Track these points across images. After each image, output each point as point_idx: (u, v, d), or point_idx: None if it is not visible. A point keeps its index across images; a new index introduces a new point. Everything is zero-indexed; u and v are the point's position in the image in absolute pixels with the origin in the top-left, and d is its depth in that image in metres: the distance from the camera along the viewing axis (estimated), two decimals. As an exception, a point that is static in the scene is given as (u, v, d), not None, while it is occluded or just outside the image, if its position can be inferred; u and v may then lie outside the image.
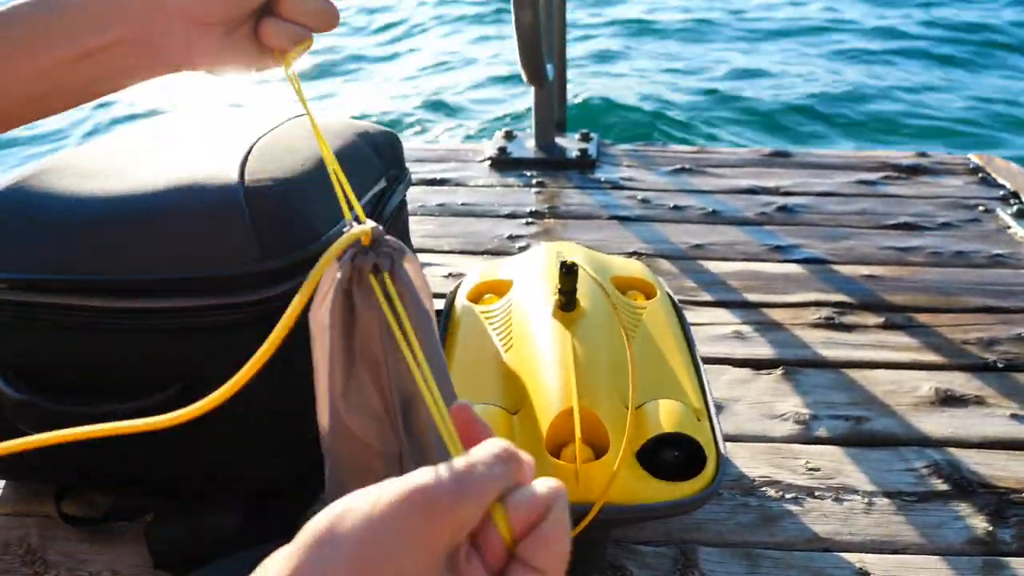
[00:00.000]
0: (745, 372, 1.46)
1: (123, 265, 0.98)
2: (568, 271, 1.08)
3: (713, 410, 1.06)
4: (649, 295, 1.25)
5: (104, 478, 1.12)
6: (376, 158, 1.26)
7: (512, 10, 2.02)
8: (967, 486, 1.20)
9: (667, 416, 1.01)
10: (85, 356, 1.01)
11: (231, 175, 1.02)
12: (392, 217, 1.28)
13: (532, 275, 1.23)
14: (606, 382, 1.03)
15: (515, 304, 1.19)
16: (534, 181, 2.30)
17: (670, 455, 0.99)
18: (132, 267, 0.98)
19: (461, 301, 1.26)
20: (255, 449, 1.06)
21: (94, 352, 1.01)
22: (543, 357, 1.07)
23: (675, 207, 2.11)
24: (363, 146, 1.24)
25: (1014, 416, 1.34)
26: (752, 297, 1.70)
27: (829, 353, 1.51)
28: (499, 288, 1.27)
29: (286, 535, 0.57)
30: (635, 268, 1.31)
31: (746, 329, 1.58)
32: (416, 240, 1.41)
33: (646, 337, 1.15)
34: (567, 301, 1.11)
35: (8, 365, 1.03)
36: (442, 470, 0.42)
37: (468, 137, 5.25)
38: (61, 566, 1.08)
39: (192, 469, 1.07)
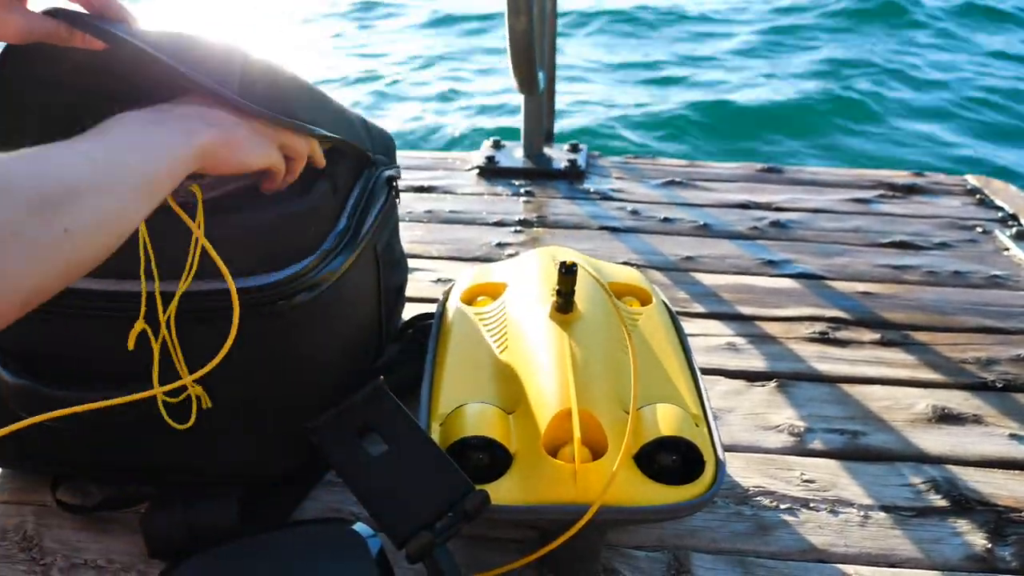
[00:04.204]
0: (738, 384, 1.44)
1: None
2: (568, 271, 1.06)
3: (711, 416, 1.04)
4: (645, 302, 1.24)
5: (101, 467, 1.09)
6: (365, 133, 1.23)
7: (505, 16, 2.00)
8: (965, 503, 1.18)
9: (666, 420, 0.99)
10: (84, 341, 0.99)
11: None
12: (383, 208, 1.24)
13: (528, 277, 1.22)
14: (604, 384, 1.01)
15: (510, 305, 1.17)
16: (522, 191, 2.28)
17: (668, 459, 0.97)
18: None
19: (454, 303, 1.24)
20: (252, 442, 1.04)
21: (92, 337, 0.98)
22: (540, 358, 1.04)
23: (665, 219, 2.09)
24: (356, 122, 1.21)
25: (1013, 436, 1.32)
26: (745, 310, 1.68)
27: (824, 367, 1.49)
28: (493, 290, 1.25)
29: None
30: (630, 274, 1.30)
31: (739, 341, 1.56)
32: (404, 246, 1.39)
33: (643, 342, 1.13)
34: (565, 302, 1.08)
35: (6, 350, 1.00)
36: None
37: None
38: (57, 553, 1.06)
39: (189, 460, 1.05)
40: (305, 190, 1.07)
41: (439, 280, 1.76)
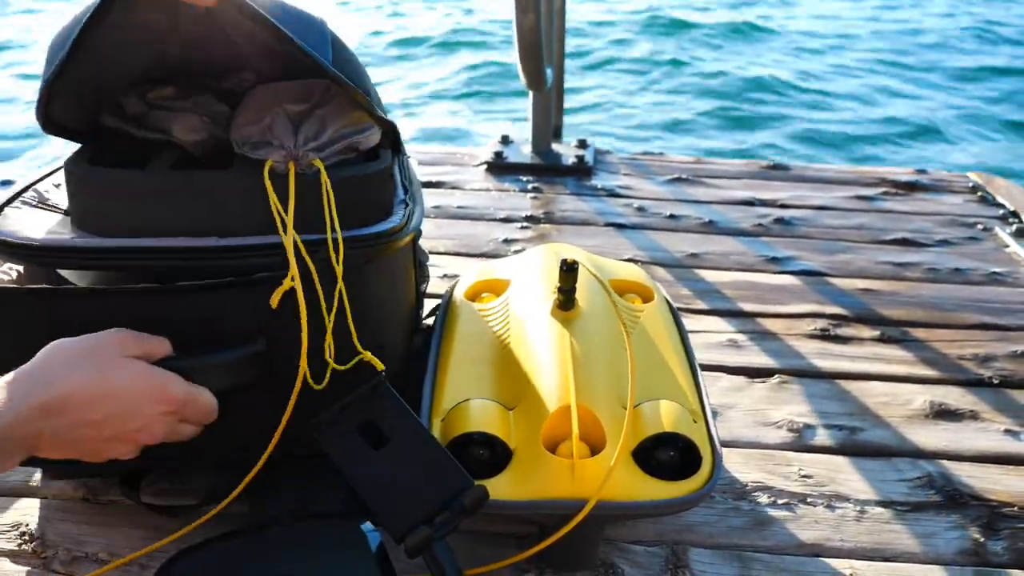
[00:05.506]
0: (740, 380, 1.45)
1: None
2: (569, 269, 1.07)
3: (709, 412, 1.05)
4: (647, 299, 1.25)
5: (182, 459, 1.07)
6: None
7: (514, 13, 2.01)
8: (959, 498, 1.20)
9: (664, 416, 1.01)
10: (164, 312, 0.97)
11: None
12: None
13: (531, 274, 1.23)
14: (603, 381, 1.03)
15: (513, 302, 1.19)
16: (530, 186, 2.30)
17: (666, 455, 0.99)
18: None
19: (459, 298, 1.25)
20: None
21: (173, 306, 0.97)
22: (541, 354, 1.06)
23: (671, 216, 2.11)
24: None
25: (1008, 432, 1.34)
26: (747, 307, 1.69)
27: (824, 364, 1.51)
28: (496, 287, 1.27)
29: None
30: (633, 272, 1.31)
31: (741, 338, 1.58)
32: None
33: (643, 339, 1.15)
34: (566, 299, 1.10)
35: (85, 327, 0.93)
36: None
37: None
38: (59, 546, 1.08)
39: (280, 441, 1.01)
40: (373, 155, 1.09)
41: (445, 276, 1.78)
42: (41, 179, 1.15)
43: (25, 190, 1.11)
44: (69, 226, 1.04)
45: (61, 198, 1.11)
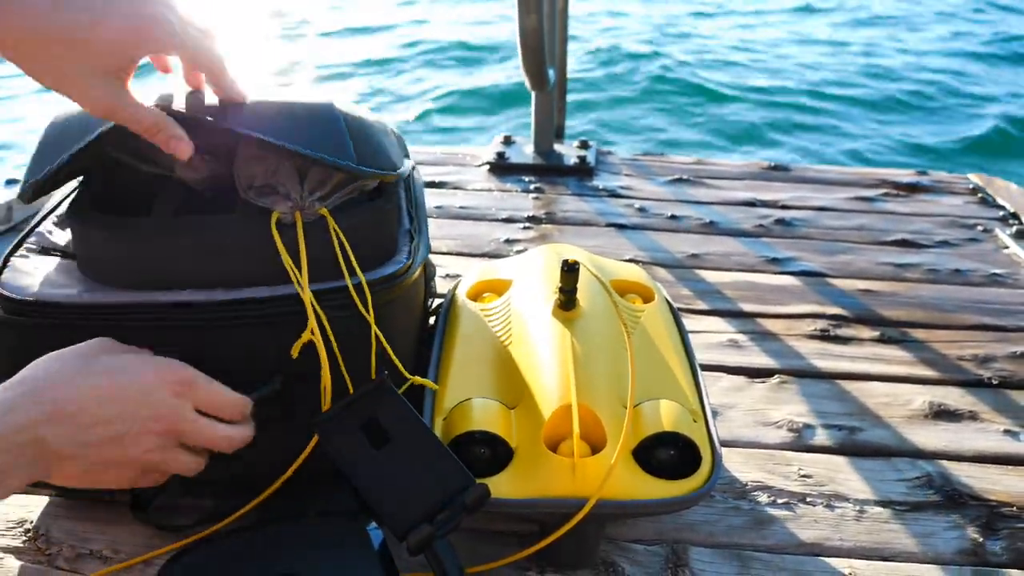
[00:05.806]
0: (740, 380, 1.46)
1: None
2: (570, 269, 1.08)
3: (709, 412, 1.06)
4: (647, 299, 1.26)
5: (205, 482, 1.04)
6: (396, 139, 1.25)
7: (516, 14, 2.02)
8: (958, 498, 1.20)
9: (664, 416, 1.01)
10: (183, 355, 0.97)
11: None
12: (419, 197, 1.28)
13: (532, 274, 1.24)
14: (604, 380, 1.04)
15: (515, 302, 1.20)
16: (532, 187, 2.30)
17: (666, 454, 0.99)
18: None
19: (460, 298, 1.26)
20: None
21: (192, 350, 0.98)
22: (542, 354, 1.07)
23: (672, 216, 2.12)
24: (388, 129, 1.22)
25: (1007, 432, 1.34)
26: (748, 307, 1.70)
27: (824, 364, 1.51)
28: (498, 287, 1.27)
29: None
30: (634, 272, 1.32)
31: (741, 338, 1.59)
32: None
33: (644, 339, 1.15)
34: (567, 300, 1.11)
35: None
36: None
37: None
38: (63, 543, 1.08)
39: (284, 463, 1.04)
40: (380, 191, 1.10)
41: (447, 276, 1.78)
42: (44, 218, 1.16)
43: (29, 234, 1.12)
44: (75, 272, 1.05)
45: (65, 237, 1.12)
